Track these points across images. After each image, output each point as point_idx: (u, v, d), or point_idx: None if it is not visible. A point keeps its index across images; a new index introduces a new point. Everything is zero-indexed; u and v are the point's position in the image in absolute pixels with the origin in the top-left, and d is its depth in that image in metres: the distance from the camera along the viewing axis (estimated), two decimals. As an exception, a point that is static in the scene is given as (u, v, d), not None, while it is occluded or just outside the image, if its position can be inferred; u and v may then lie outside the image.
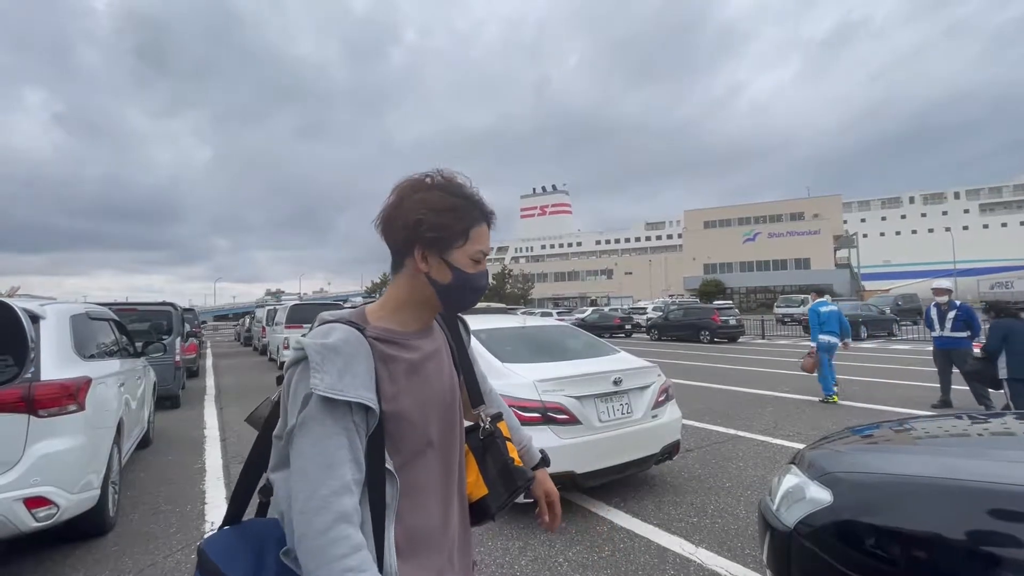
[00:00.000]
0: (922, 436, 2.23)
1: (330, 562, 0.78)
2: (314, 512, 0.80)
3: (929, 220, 75.86)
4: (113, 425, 3.75)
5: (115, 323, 5.05)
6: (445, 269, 0.96)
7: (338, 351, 0.87)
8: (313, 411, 0.84)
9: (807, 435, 5.78)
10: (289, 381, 0.89)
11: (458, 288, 0.97)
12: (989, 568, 1.38)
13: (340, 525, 0.80)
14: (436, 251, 0.95)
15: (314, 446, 0.83)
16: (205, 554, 0.88)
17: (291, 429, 0.86)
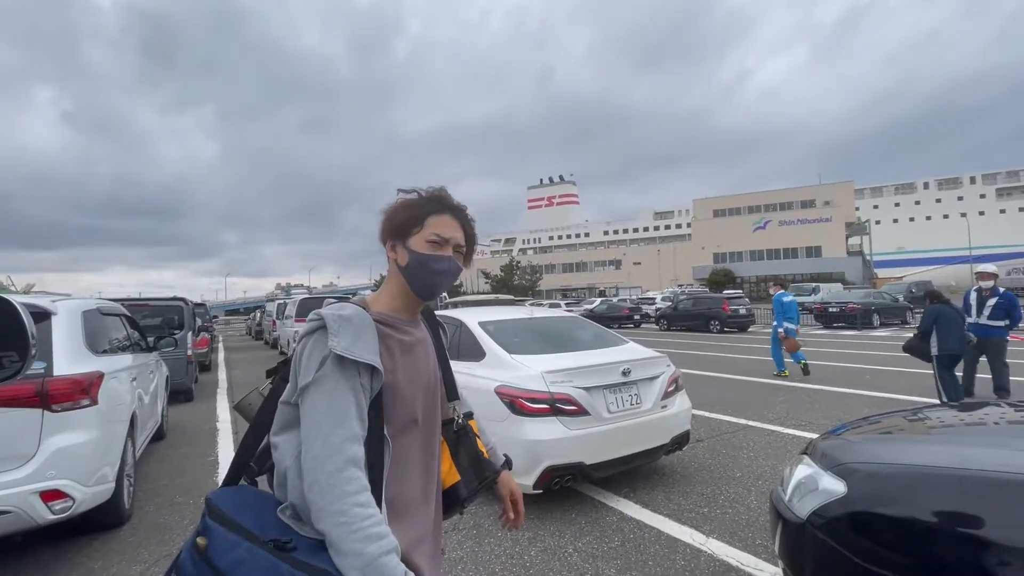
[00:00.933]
0: (936, 425, 2.19)
1: (342, 497, 0.85)
2: (327, 457, 0.88)
3: (944, 206, 74.51)
4: (126, 419, 3.80)
5: (127, 318, 5.10)
6: (404, 252, 1.10)
7: (351, 321, 0.99)
8: (328, 370, 0.94)
9: (819, 425, 5.73)
10: (304, 346, 0.99)
11: (415, 268, 1.09)
12: (1007, 559, 1.35)
13: (350, 468, 0.88)
14: (399, 239, 1.10)
15: (327, 400, 0.93)
16: (212, 503, 0.94)
17: (305, 386, 0.94)
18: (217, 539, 0.87)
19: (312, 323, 1.00)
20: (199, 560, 0.87)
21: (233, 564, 0.84)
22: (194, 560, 0.87)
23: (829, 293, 28.18)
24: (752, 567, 2.82)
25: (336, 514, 0.85)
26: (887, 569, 1.53)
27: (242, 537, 0.86)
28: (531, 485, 3.47)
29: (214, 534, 0.87)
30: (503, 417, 3.60)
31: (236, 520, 0.89)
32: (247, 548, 0.85)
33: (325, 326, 0.97)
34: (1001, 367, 6.61)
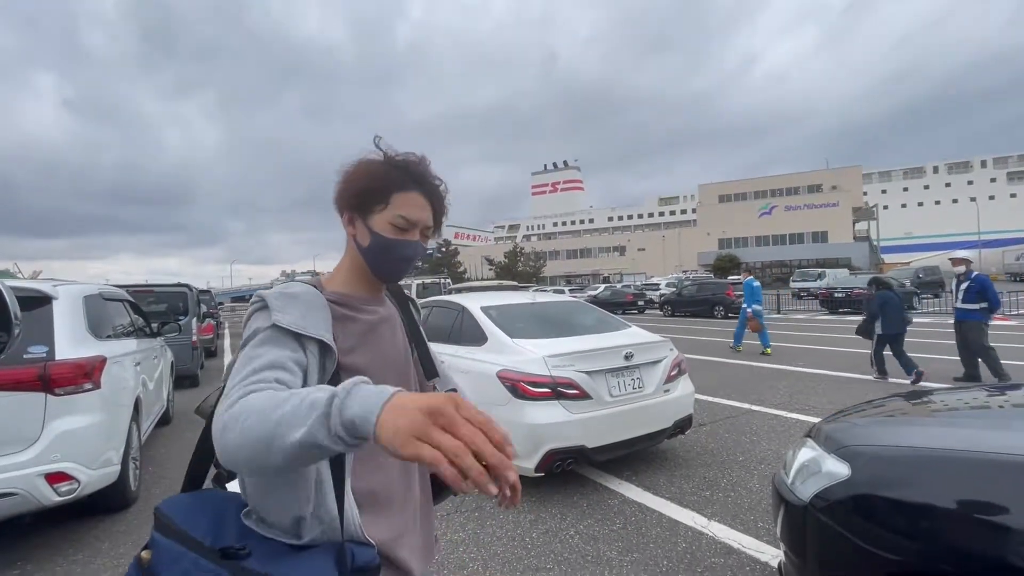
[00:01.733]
0: (940, 408, 2.16)
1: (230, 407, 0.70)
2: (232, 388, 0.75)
3: (953, 190, 73.47)
4: (130, 403, 3.82)
5: (130, 304, 5.11)
6: (365, 231, 0.98)
7: (298, 298, 0.91)
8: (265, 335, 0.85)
9: (822, 409, 5.71)
10: (247, 324, 0.89)
11: (377, 252, 0.97)
12: (1011, 541, 1.33)
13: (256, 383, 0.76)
14: (359, 213, 0.98)
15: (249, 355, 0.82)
16: (161, 512, 0.85)
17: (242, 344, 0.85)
18: (161, 551, 0.80)
19: (254, 304, 0.91)
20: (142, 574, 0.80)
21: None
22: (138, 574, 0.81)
23: (835, 279, 27.97)
24: (753, 549, 2.82)
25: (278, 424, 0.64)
26: (889, 552, 1.51)
27: (187, 548, 0.79)
28: (533, 468, 3.47)
29: (159, 546, 0.80)
30: (505, 401, 3.59)
31: (183, 529, 0.82)
32: (191, 559, 0.78)
33: (267, 306, 0.88)
34: (986, 352, 6.68)
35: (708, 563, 2.71)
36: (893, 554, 1.51)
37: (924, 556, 1.46)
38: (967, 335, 6.86)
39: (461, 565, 2.77)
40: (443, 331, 4.60)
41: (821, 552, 1.72)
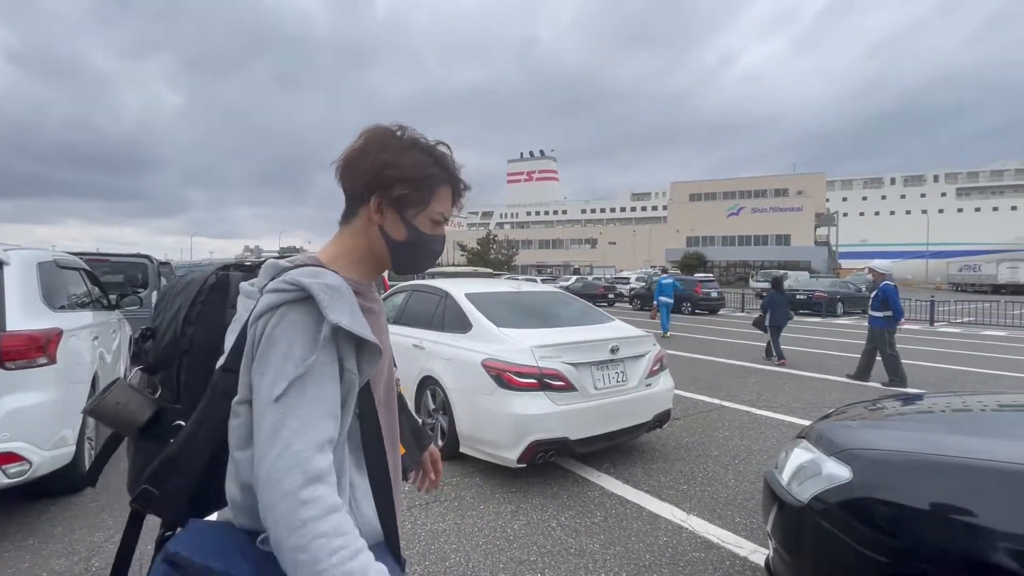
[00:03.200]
0: (934, 413, 2.22)
1: (299, 527, 0.67)
2: (285, 471, 0.69)
3: (908, 202, 77.14)
4: (88, 379, 3.57)
5: (87, 273, 4.77)
6: (400, 225, 0.90)
7: (342, 292, 0.78)
8: (324, 356, 0.75)
9: (790, 407, 5.90)
10: (277, 323, 0.75)
11: (412, 247, 0.91)
12: (1013, 548, 1.36)
13: (312, 485, 0.70)
14: (395, 205, 0.89)
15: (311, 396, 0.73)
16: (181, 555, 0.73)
17: (298, 378, 0.73)
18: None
19: (286, 293, 0.75)
20: None
21: None
22: None
23: (796, 281, 29.05)
24: (732, 544, 2.87)
25: (294, 550, 0.67)
26: (888, 556, 1.54)
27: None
28: (515, 459, 3.44)
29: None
30: (490, 391, 3.53)
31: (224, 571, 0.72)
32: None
33: (310, 297, 0.75)
34: (888, 356, 7.25)
35: (689, 557, 2.74)
36: (891, 558, 1.53)
37: (921, 560, 1.49)
38: (873, 339, 7.45)
39: (443, 556, 2.72)
40: (424, 316, 4.49)
41: (818, 553, 1.74)
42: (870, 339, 7.51)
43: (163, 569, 0.73)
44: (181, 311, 0.93)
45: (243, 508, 0.78)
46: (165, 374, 0.92)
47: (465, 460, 3.92)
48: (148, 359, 0.94)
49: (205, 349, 0.89)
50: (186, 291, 0.95)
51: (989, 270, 44.87)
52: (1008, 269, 43.37)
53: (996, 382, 7.73)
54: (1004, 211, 70.39)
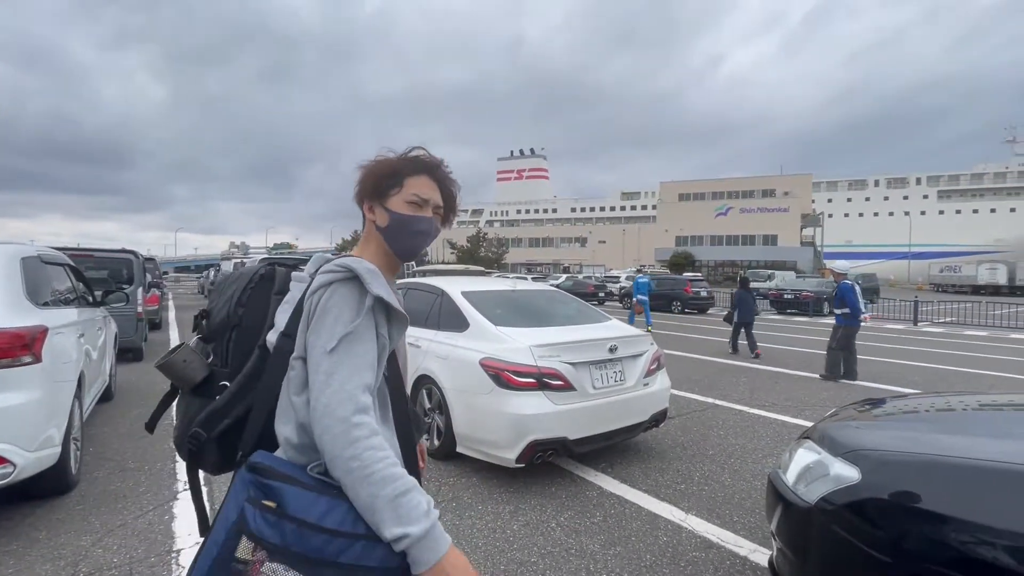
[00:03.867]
0: (942, 413, 2.23)
1: (353, 442, 0.86)
2: (338, 403, 0.87)
3: (891, 204, 78.47)
4: (73, 378, 3.47)
5: (71, 269, 4.64)
6: (383, 212, 1.08)
7: (378, 274, 0.99)
8: (365, 320, 0.94)
9: (782, 405, 5.95)
10: (331, 296, 0.95)
11: (396, 229, 1.07)
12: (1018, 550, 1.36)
13: (360, 414, 0.88)
14: (376, 200, 1.08)
15: (357, 348, 0.92)
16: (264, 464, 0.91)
17: (345, 335, 0.92)
18: (292, 496, 0.87)
19: (338, 273, 0.96)
20: (279, 520, 0.85)
21: (322, 514, 0.85)
22: (272, 522, 0.85)
23: (783, 280, 29.40)
24: (732, 544, 2.87)
25: (349, 459, 0.85)
26: (896, 557, 1.53)
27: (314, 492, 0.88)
28: (514, 459, 3.41)
29: (287, 493, 0.87)
30: (488, 390, 3.50)
31: (296, 476, 0.89)
32: (326, 500, 0.87)
33: (356, 276, 0.96)
34: (831, 351, 7.59)
35: (690, 557, 2.73)
36: (901, 560, 1.53)
37: (931, 562, 1.48)
38: (833, 336, 7.72)
39: (442, 558, 2.68)
40: (420, 315, 4.44)
41: (826, 555, 1.73)
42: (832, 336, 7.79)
43: (246, 476, 0.90)
44: (235, 295, 1.11)
45: (297, 446, 0.95)
46: (216, 344, 1.11)
47: (462, 460, 3.89)
48: (205, 331, 1.13)
49: (251, 325, 1.08)
50: (239, 279, 1.14)
51: (969, 271, 45.86)
52: (987, 270, 44.37)
53: (982, 382, 7.88)
54: (984, 214, 71.95)
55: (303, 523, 0.84)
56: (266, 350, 1.02)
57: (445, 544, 0.86)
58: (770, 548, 2.24)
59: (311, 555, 0.84)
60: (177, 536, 2.82)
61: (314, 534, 0.84)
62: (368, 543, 0.85)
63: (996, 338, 13.60)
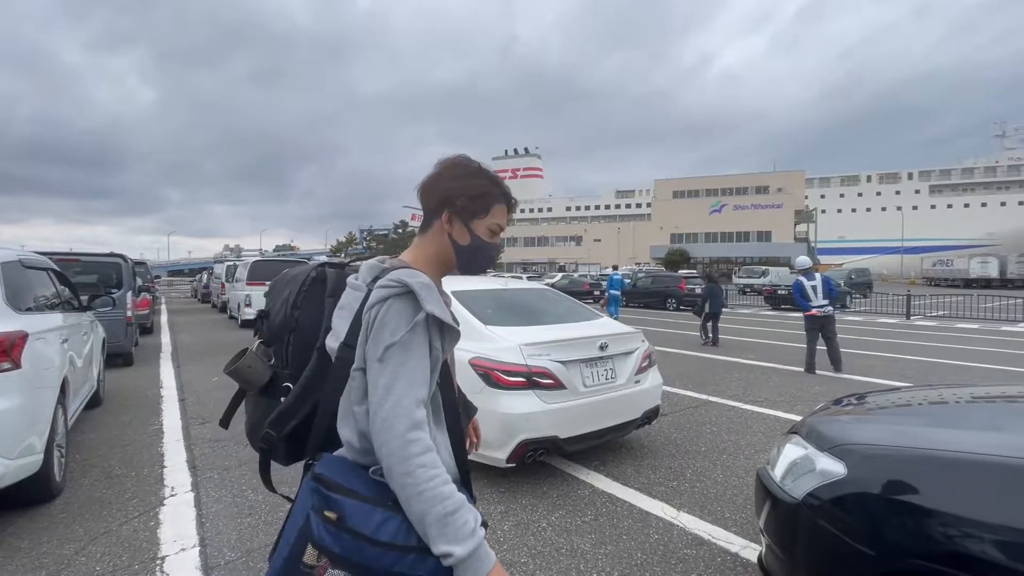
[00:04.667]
0: (926, 406, 2.23)
1: (407, 459, 0.91)
2: (396, 419, 0.92)
3: (884, 199, 78.88)
4: (56, 384, 3.42)
5: (55, 274, 4.58)
6: (465, 233, 1.11)
7: (432, 289, 1.00)
8: (416, 333, 0.96)
9: (775, 401, 5.95)
10: (387, 309, 0.97)
11: (473, 251, 1.12)
12: (1007, 543, 1.35)
13: (415, 430, 0.92)
14: (461, 217, 1.10)
15: (409, 362, 0.95)
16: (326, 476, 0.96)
17: (390, 345, 0.95)
18: (351, 509, 0.92)
19: (393, 288, 0.98)
20: (338, 531, 0.91)
21: (377, 527, 0.91)
22: (332, 533, 0.91)
23: (777, 276, 29.52)
24: (723, 540, 2.85)
25: (404, 475, 0.90)
26: (884, 551, 1.52)
27: (371, 504, 0.94)
28: (504, 459, 3.38)
29: (346, 506, 0.93)
30: (477, 389, 3.47)
31: (355, 489, 0.95)
32: (380, 513, 0.93)
33: (411, 291, 0.98)
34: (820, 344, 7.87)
35: (681, 555, 2.72)
36: (887, 554, 1.51)
37: (917, 556, 1.47)
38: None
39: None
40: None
41: (814, 550, 1.72)
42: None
43: (311, 485, 0.96)
44: (290, 298, 1.17)
45: (359, 450, 1.01)
46: (277, 347, 1.17)
47: (453, 460, 3.85)
48: (265, 335, 1.19)
49: (308, 327, 1.14)
50: (293, 282, 1.20)
51: (961, 265, 46.17)
52: (979, 264, 44.69)
53: (973, 374, 7.92)
54: (975, 208, 72.46)
55: (360, 535, 0.90)
56: (324, 352, 1.08)
57: (490, 563, 0.90)
58: (760, 544, 2.23)
59: (368, 565, 0.90)
60: (162, 543, 2.78)
61: (369, 546, 0.90)
62: (419, 556, 0.90)
63: (987, 330, 13.70)
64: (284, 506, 3.29)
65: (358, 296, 1.04)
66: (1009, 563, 1.33)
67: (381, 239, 71.82)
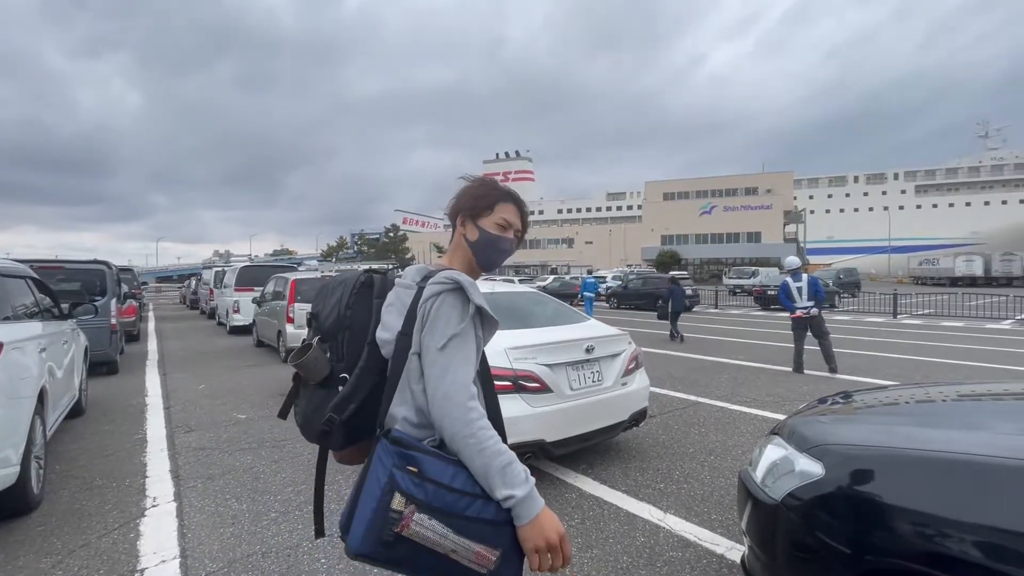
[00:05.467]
0: (906, 407, 2.24)
1: (470, 423, 1.08)
2: (456, 392, 1.09)
3: (870, 199, 79.91)
4: (34, 394, 3.35)
5: (35, 282, 4.51)
6: (474, 228, 1.29)
7: (476, 286, 1.19)
8: (470, 323, 1.15)
9: (763, 401, 5.99)
10: (442, 303, 1.15)
11: (484, 244, 1.28)
12: (979, 541, 1.36)
13: (473, 400, 1.11)
14: (470, 217, 1.29)
15: (466, 347, 1.14)
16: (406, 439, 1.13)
17: (453, 335, 1.12)
18: (428, 464, 1.09)
19: (446, 285, 1.16)
20: (421, 481, 1.07)
21: (451, 477, 1.09)
22: (416, 483, 1.07)
23: (767, 277, 29.74)
24: (709, 542, 2.86)
25: (467, 437, 1.08)
26: (861, 551, 1.52)
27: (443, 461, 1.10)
28: (491, 463, 3.37)
29: (425, 461, 1.10)
30: (463, 394, 3.45)
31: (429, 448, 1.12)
32: (453, 467, 1.10)
33: (461, 287, 1.16)
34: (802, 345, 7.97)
35: (667, 557, 2.71)
36: (864, 553, 1.52)
37: (893, 555, 1.48)
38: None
39: (416, 567, 2.62)
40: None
41: (792, 550, 1.72)
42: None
43: (389, 448, 1.11)
44: (342, 299, 1.32)
45: (416, 424, 1.16)
46: (332, 344, 1.30)
47: (440, 466, 3.83)
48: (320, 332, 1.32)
49: (360, 325, 1.29)
50: (343, 285, 1.35)
51: (947, 264, 46.81)
52: (964, 263, 45.34)
53: (958, 372, 8.02)
54: (959, 207, 73.59)
55: (439, 484, 1.08)
56: (375, 346, 1.24)
57: (540, 504, 1.09)
58: (743, 546, 2.23)
59: (447, 509, 1.07)
60: (142, 555, 2.74)
61: (447, 492, 1.07)
62: (485, 501, 1.08)
63: (972, 328, 13.89)
64: (268, 515, 3.26)
65: (409, 293, 1.21)
66: (987, 562, 1.33)
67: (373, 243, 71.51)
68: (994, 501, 1.39)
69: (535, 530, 1.08)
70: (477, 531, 1.08)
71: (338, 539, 2.87)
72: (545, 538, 1.09)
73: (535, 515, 1.09)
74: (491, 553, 1.09)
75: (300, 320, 8.77)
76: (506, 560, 1.10)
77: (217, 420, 5.34)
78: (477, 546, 1.08)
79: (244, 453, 4.30)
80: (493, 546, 1.09)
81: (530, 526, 1.08)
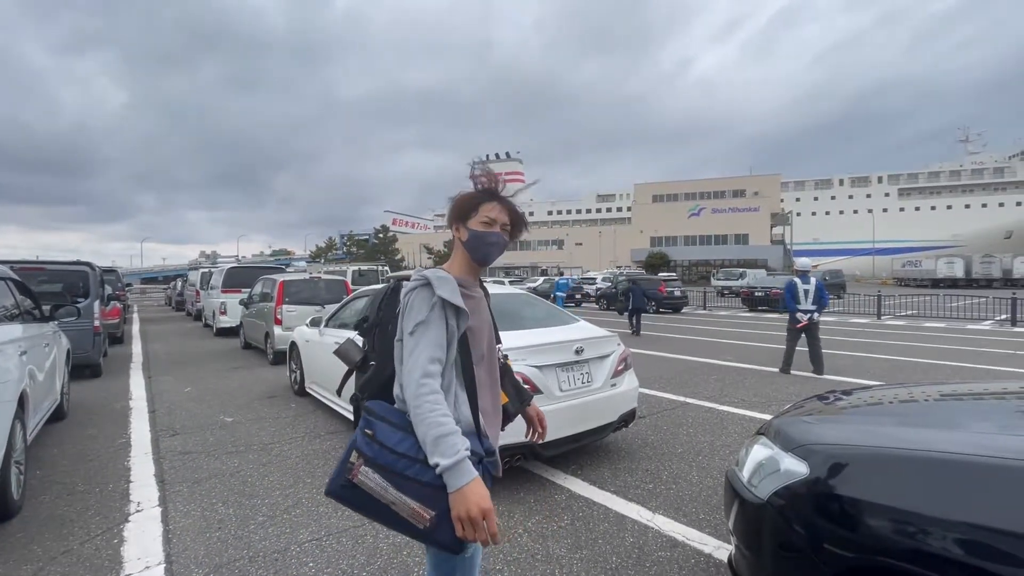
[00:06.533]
0: (889, 406, 2.28)
1: (418, 396, 1.30)
2: (413, 368, 1.32)
3: (855, 202, 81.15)
4: (13, 399, 3.28)
5: (15, 283, 4.42)
6: (464, 229, 1.50)
7: (447, 280, 1.41)
8: (435, 312, 1.37)
9: (751, 401, 6.05)
10: (415, 296, 1.39)
11: (474, 241, 1.49)
12: (960, 539, 1.39)
13: (425, 378, 1.31)
14: (461, 221, 1.51)
15: (429, 332, 1.35)
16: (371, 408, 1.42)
17: (419, 323, 1.36)
18: (380, 429, 1.36)
19: (418, 281, 1.42)
20: (371, 441, 1.35)
21: (397, 442, 1.33)
22: (367, 443, 1.35)
23: (754, 278, 30.05)
24: (697, 541, 2.88)
25: (415, 408, 1.29)
26: (845, 550, 1.55)
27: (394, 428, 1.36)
28: (480, 465, 3.36)
29: (378, 427, 1.37)
30: (453, 396, 3.45)
31: (387, 418, 1.38)
32: (401, 434, 1.34)
33: (429, 283, 1.39)
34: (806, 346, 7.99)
35: (655, 557, 2.73)
36: (849, 552, 1.54)
37: (878, 554, 1.50)
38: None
39: (406, 570, 2.62)
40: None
41: (778, 550, 1.74)
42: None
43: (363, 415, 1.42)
44: (376, 302, 1.64)
45: (402, 399, 1.37)
46: (368, 338, 1.62)
47: (430, 468, 3.82)
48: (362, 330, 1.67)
49: (388, 323, 1.55)
50: (380, 292, 1.67)
51: (929, 266, 47.65)
52: (945, 264, 46.22)
53: (939, 371, 8.16)
54: (941, 210, 75.00)
55: (383, 445, 1.33)
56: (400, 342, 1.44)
57: (469, 476, 1.24)
58: (730, 545, 2.25)
59: (388, 466, 1.31)
60: (126, 561, 2.69)
61: (389, 453, 1.32)
62: (423, 466, 1.28)
63: (953, 329, 14.15)
64: (255, 519, 3.25)
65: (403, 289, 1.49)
66: (967, 559, 1.36)
67: (362, 244, 71.06)
68: (975, 499, 1.42)
69: (459, 500, 1.23)
70: (415, 490, 1.27)
71: (326, 542, 2.86)
72: (467, 509, 1.22)
73: (461, 486, 1.23)
74: (426, 512, 1.26)
75: (288, 322, 8.69)
76: (441, 522, 1.25)
77: (203, 423, 5.28)
78: (413, 503, 1.27)
79: (231, 457, 4.25)
80: (429, 506, 1.26)
81: (457, 495, 1.23)
